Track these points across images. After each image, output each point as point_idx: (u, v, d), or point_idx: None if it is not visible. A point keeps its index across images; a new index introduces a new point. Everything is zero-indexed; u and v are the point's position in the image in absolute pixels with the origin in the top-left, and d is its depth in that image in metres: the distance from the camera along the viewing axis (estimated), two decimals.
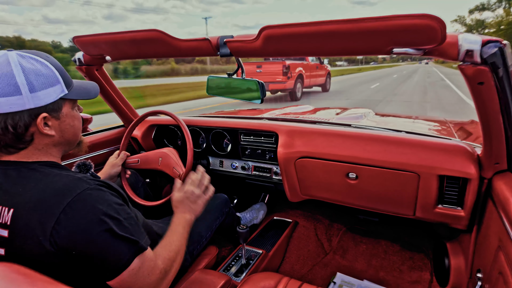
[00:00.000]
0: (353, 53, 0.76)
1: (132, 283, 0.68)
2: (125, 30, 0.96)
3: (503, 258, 0.80)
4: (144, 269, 0.69)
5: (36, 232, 0.61)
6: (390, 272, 1.48)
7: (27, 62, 0.67)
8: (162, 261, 0.75)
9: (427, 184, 1.09)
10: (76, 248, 0.62)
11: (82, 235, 0.62)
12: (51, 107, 0.70)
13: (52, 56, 0.74)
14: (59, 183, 0.65)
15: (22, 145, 0.69)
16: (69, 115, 0.75)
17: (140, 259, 0.68)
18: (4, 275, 0.57)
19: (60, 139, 0.74)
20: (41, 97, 0.67)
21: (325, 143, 1.27)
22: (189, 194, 1.02)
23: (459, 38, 0.65)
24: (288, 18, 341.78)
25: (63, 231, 0.61)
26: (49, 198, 0.63)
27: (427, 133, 1.29)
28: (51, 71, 0.70)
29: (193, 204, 1.02)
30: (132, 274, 0.67)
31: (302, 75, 9.90)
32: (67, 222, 0.61)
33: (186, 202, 1.00)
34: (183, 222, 0.93)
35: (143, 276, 0.69)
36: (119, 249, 0.65)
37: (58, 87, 0.71)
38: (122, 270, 0.66)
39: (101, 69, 1.38)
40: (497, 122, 0.80)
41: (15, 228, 0.62)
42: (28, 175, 0.67)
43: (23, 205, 0.63)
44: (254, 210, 1.80)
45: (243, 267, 1.33)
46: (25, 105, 0.65)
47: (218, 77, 1.32)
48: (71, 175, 0.69)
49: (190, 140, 1.23)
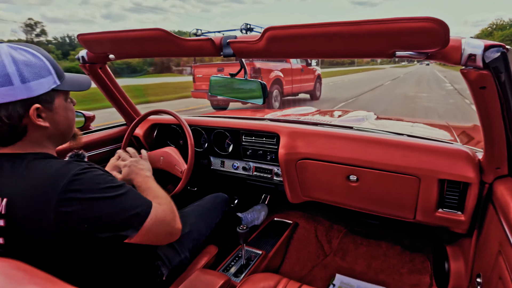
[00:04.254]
0: (356, 55, 0.76)
1: (156, 229, 0.76)
2: (125, 29, 0.97)
3: (503, 263, 0.79)
4: (159, 214, 0.77)
5: (36, 219, 0.62)
6: (390, 275, 1.48)
7: (18, 53, 0.67)
8: (164, 204, 0.83)
9: (428, 188, 1.09)
10: (90, 223, 0.65)
11: (90, 212, 0.65)
12: (44, 98, 0.70)
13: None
14: (51, 169, 0.66)
15: (16, 137, 0.69)
16: (62, 107, 0.75)
17: (153, 209, 0.76)
18: (4, 271, 0.57)
19: (54, 131, 0.74)
20: (33, 88, 0.67)
21: (327, 145, 1.27)
22: (128, 164, 1.07)
23: (462, 42, 0.65)
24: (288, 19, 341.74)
25: (69, 212, 0.62)
26: (43, 186, 0.63)
27: (428, 137, 1.28)
28: (42, 62, 0.70)
29: (139, 165, 1.07)
30: (153, 222, 0.74)
31: (280, 80, 8.15)
32: (71, 203, 0.62)
33: (131, 170, 1.05)
34: (147, 180, 1.00)
35: (161, 219, 0.77)
36: (134, 205, 0.72)
37: (50, 78, 0.71)
38: (144, 222, 0.72)
39: (105, 67, 1.38)
40: (498, 127, 0.80)
41: (12, 217, 0.63)
42: (21, 166, 0.67)
43: (17, 194, 0.63)
44: (256, 211, 1.80)
45: (243, 267, 1.33)
46: (17, 95, 0.65)
47: (221, 77, 1.33)
48: (60, 161, 0.71)
49: (191, 140, 1.24)
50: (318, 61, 12.43)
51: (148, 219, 0.73)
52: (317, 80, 10.28)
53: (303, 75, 9.38)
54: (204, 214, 1.27)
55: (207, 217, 1.26)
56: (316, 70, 10.27)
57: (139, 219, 0.72)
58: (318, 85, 10.44)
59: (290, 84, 8.71)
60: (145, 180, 1.00)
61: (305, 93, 10.12)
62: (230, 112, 2.39)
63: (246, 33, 1.03)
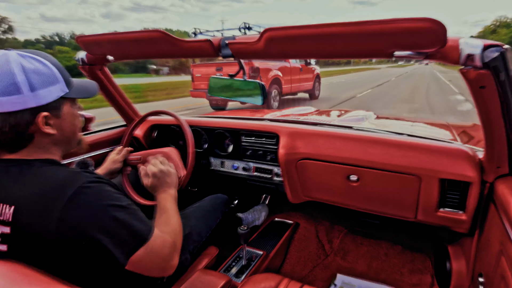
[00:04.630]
0: (355, 55, 0.76)
1: (148, 260, 0.71)
2: (124, 28, 0.97)
3: (505, 262, 0.79)
4: (157, 245, 0.72)
5: (39, 228, 0.62)
6: (391, 274, 1.48)
7: (27, 61, 0.67)
8: (168, 235, 0.78)
9: (429, 187, 1.09)
10: (86, 239, 0.64)
11: (91, 226, 0.63)
12: (52, 105, 0.70)
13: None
14: (58, 178, 0.66)
15: (23, 143, 0.69)
16: (69, 114, 0.76)
17: (152, 236, 0.71)
18: (5, 274, 0.57)
19: (61, 137, 0.75)
20: (42, 96, 0.68)
21: (327, 145, 1.27)
22: (157, 175, 1.01)
23: (460, 42, 0.65)
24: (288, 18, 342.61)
25: (69, 224, 0.62)
26: (49, 193, 0.63)
27: (429, 136, 1.28)
28: (51, 70, 0.70)
29: (168, 178, 1.02)
30: (147, 252, 0.70)
31: (279, 80, 8.04)
32: (73, 215, 0.62)
33: (159, 182, 1.00)
34: (169, 198, 0.95)
35: (157, 251, 0.72)
36: (130, 230, 0.68)
37: (58, 86, 0.71)
38: (137, 249, 0.68)
39: (104, 68, 1.38)
40: (499, 126, 0.80)
41: (18, 225, 0.63)
42: (28, 172, 0.67)
43: (24, 201, 0.64)
44: (256, 211, 1.80)
45: (244, 268, 1.33)
46: (26, 104, 0.66)
47: (220, 78, 1.33)
48: (69, 169, 0.70)
49: (191, 140, 1.23)
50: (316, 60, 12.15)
51: (141, 249, 0.69)
52: (316, 80, 10.13)
53: (302, 75, 9.23)
54: (204, 216, 1.27)
55: (207, 218, 1.26)
56: (315, 69, 10.09)
57: (132, 246, 0.68)
58: (317, 84, 10.30)
59: (289, 84, 8.56)
60: (166, 198, 0.95)
61: (304, 93, 9.96)
62: (229, 112, 2.39)
63: (244, 32, 1.03)
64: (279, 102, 8.13)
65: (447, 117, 6.83)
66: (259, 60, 7.35)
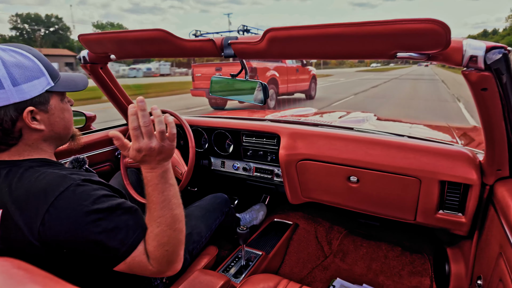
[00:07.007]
0: (357, 56, 0.76)
1: (134, 271, 0.67)
2: (127, 29, 0.97)
3: (504, 265, 0.79)
4: (137, 264, 0.66)
5: (24, 232, 0.61)
6: (390, 276, 1.48)
7: (7, 55, 0.65)
8: (157, 248, 0.66)
9: (429, 189, 1.09)
10: (67, 246, 0.62)
11: (70, 234, 0.61)
12: (38, 100, 0.68)
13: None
14: (42, 182, 0.63)
15: (11, 141, 0.68)
16: (58, 108, 0.73)
17: (130, 255, 0.64)
18: (4, 270, 0.57)
19: (50, 133, 0.73)
20: (26, 90, 0.66)
21: (327, 146, 1.27)
22: (145, 151, 0.67)
23: (464, 44, 0.65)
24: (288, 20, 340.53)
25: (49, 231, 0.60)
26: (33, 198, 0.62)
27: (429, 138, 1.28)
28: (34, 64, 0.68)
29: (160, 155, 0.69)
30: (127, 266, 0.65)
31: (276, 80, 8.18)
32: (52, 223, 0.60)
33: (147, 158, 0.68)
34: (165, 188, 0.70)
35: (140, 269, 0.67)
36: (105, 248, 0.62)
37: (43, 79, 0.69)
38: (115, 265, 0.64)
39: (106, 67, 1.38)
40: (500, 129, 0.80)
41: (6, 227, 0.62)
42: (17, 175, 0.66)
43: (11, 204, 0.62)
44: (254, 211, 1.80)
45: (243, 268, 1.33)
46: (9, 99, 0.64)
47: (222, 78, 1.33)
48: (55, 172, 0.66)
49: (192, 140, 1.23)
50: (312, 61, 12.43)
51: (120, 264, 0.64)
52: (312, 80, 10.42)
53: (298, 75, 9.44)
54: (204, 216, 1.27)
55: (207, 218, 1.26)
56: (311, 70, 10.43)
57: (109, 262, 0.64)
58: (313, 85, 10.59)
59: (285, 84, 8.72)
60: (163, 188, 0.70)
61: (300, 93, 10.20)
62: (230, 112, 2.39)
63: (243, 34, 1.03)
64: (276, 101, 8.31)
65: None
66: (256, 60, 7.52)
